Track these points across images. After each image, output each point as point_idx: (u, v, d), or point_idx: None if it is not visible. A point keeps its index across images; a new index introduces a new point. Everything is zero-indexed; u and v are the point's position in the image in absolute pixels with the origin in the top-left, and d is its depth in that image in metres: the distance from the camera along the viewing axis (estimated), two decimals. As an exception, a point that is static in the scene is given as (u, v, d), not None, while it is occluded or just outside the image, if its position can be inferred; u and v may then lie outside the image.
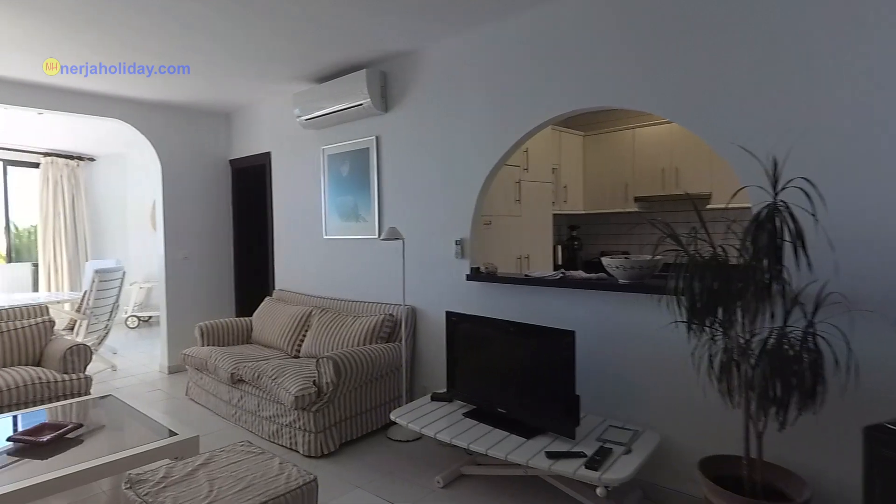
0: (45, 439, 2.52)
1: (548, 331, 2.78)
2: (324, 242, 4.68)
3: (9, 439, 2.58)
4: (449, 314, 3.29)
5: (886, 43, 2.15)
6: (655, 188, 5.33)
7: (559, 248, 5.62)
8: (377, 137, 4.08)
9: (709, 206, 5.02)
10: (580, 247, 5.80)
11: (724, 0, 2.54)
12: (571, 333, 2.65)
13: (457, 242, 3.71)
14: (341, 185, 4.28)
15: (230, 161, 5.82)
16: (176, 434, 2.64)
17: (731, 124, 2.54)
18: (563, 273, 3.26)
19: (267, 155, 5.26)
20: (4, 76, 4.15)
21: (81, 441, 2.57)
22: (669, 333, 2.73)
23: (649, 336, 2.88)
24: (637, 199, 5.42)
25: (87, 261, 7.61)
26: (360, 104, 3.86)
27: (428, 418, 2.99)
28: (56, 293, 6.83)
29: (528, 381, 2.85)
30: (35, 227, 7.62)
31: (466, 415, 3.02)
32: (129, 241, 8.30)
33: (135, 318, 7.87)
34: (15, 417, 2.99)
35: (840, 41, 2.25)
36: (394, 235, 3.50)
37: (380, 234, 4.06)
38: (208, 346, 4.35)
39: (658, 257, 2.89)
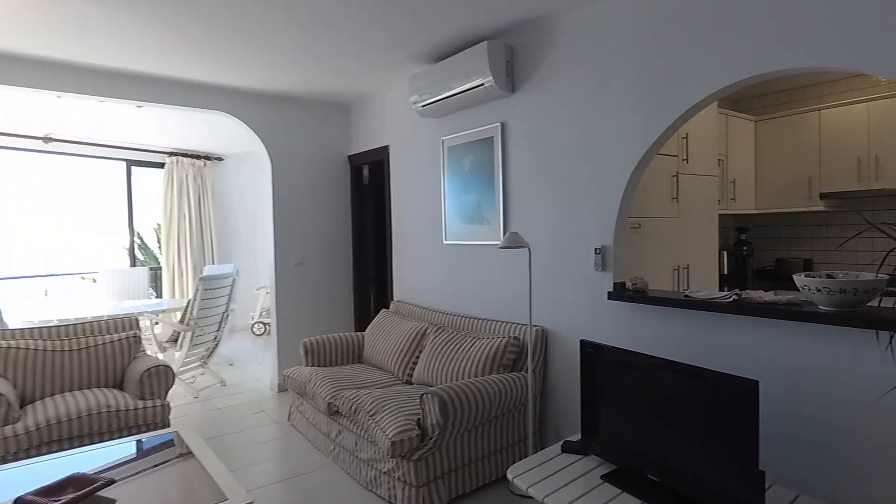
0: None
1: (720, 377, 1.94)
2: (444, 248, 4.06)
3: (16, 502, 1.99)
4: (584, 344, 2.53)
5: None
6: (848, 182, 4.13)
7: (724, 254, 4.60)
8: (502, 124, 3.42)
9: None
10: (750, 253, 4.71)
11: None
12: (754, 384, 1.82)
13: (597, 251, 2.95)
14: (463, 181, 3.68)
15: (349, 157, 5.33)
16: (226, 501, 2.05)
17: None
18: (737, 294, 2.38)
19: (385, 149, 4.73)
20: (95, 64, 3.82)
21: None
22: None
23: (867, 389, 2.00)
24: (824, 196, 4.25)
25: (207, 264, 7.38)
26: (482, 84, 3.22)
27: (556, 480, 2.25)
28: (168, 300, 6.68)
29: (692, 442, 2.03)
30: (159, 227, 7.46)
31: (606, 478, 2.25)
32: (258, 243, 8.05)
33: (261, 325, 7.59)
34: (47, 464, 2.46)
35: None
36: (515, 243, 2.75)
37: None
38: (312, 365, 3.87)
39: (883, 275, 2.02)
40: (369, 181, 5.31)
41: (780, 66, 2.24)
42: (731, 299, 2.36)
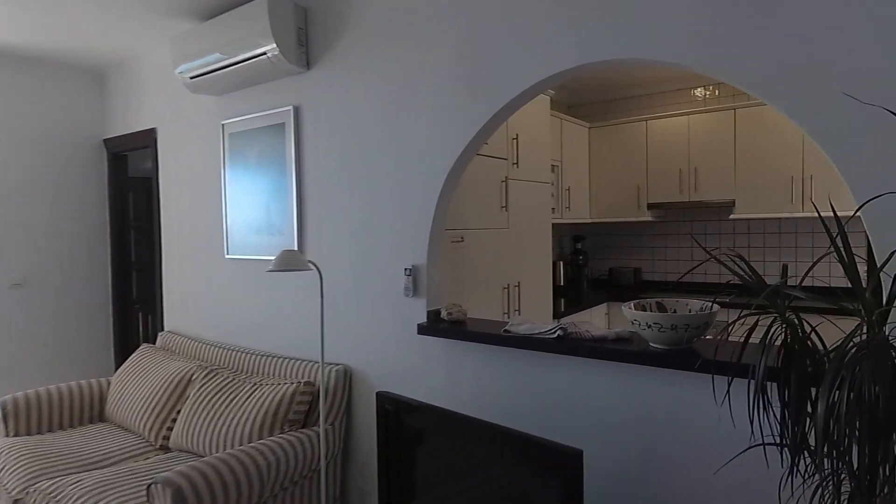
0: None
1: (538, 444, 1.48)
2: (226, 264, 3.15)
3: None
4: (381, 398, 1.91)
5: None
6: (672, 193, 4.08)
7: (560, 264, 4.33)
8: (296, 108, 2.69)
9: (732, 216, 3.83)
10: (585, 262, 4.51)
11: None
12: (577, 454, 1.36)
13: (407, 272, 2.37)
14: (250, 178, 2.87)
15: (105, 142, 3.98)
16: None
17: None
18: (563, 329, 1.92)
19: (151, 133, 3.59)
20: None
21: None
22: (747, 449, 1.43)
23: (705, 455, 1.66)
24: (651, 207, 4.17)
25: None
26: (265, 54, 2.47)
27: None
28: None
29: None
30: None
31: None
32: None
33: None
34: None
35: None
36: (290, 264, 2.00)
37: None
38: (16, 435, 2.70)
39: (714, 305, 1.77)
40: (135, 174, 4.07)
41: (612, 55, 1.84)
42: (555, 335, 1.91)
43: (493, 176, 2.88)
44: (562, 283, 4.27)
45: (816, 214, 3.71)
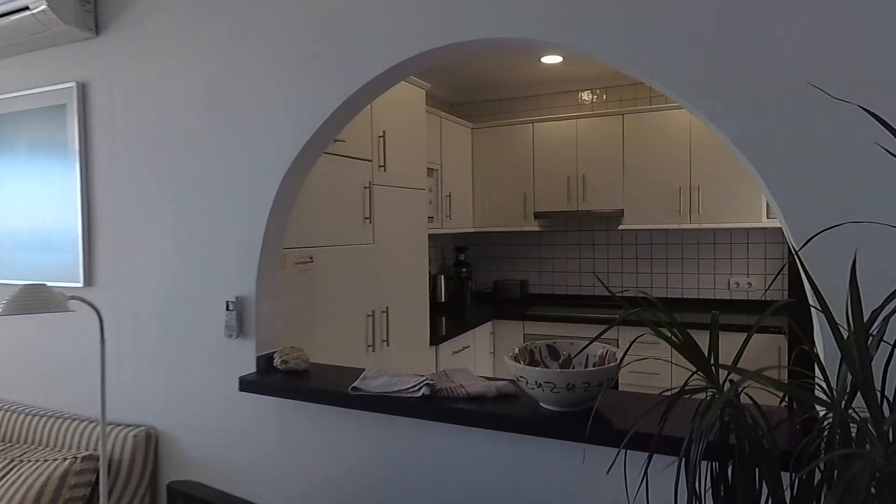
0: None
1: None
2: None
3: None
4: (172, 493, 1.37)
5: None
6: (559, 202, 3.84)
7: (441, 278, 3.93)
8: (81, 85, 2.02)
9: (620, 227, 3.67)
10: (469, 275, 4.16)
11: None
12: None
13: (229, 306, 1.83)
14: (17, 176, 2.11)
15: None
16: None
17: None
18: (430, 384, 1.46)
19: None
20: None
21: None
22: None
23: None
24: (538, 216, 3.91)
25: None
26: (27, 9, 1.78)
27: None
28: None
29: None
30: None
31: None
32: None
33: None
34: None
35: None
36: (35, 305, 1.39)
37: (86, 279, 2.02)
38: None
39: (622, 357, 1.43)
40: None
41: (481, 34, 1.44)
42: (420, 393, 1.47)
43: (353, 181, 2.40)
44: (443, 300, 3.88)
45: (703, 226, 3.54)
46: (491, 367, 3.66)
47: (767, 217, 3.38)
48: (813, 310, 1.11)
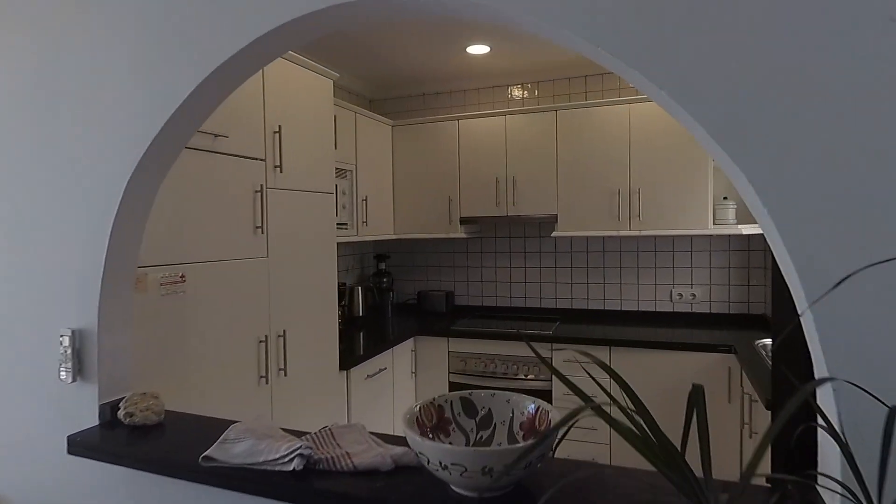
0: None
1: None
2: None
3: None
4: None
5: None
6: (487, 206, 3.58)
7: (359, 290, 3.57)
8: None
9: (554, 234, 3.44)
10: (391, 285, 3.82)
11: None
12: None
13: (63, 341, 1.43)
14: None
15: None
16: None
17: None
18: (302, 456, 1.09)
19: None
20: None
21: None
22: None
23: None
24: (464, 221, 3.65)
25: None
26: None
27: None
28: None
29: None
30: None
31: None
32: None
33: None
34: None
35: None
36: None
37: None
38: None
39: (556, 427, 1.01)
40: None
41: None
42: (291, 467, 1.12)
43: (240, 184, 2.01)
44: (361, 313, 3.53)
45: (643, 233, 3.24)
46: (413, 389, 3.35)
47: (714, 223, 3.18)
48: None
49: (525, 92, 3.79)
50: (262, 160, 2.12)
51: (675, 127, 3.13)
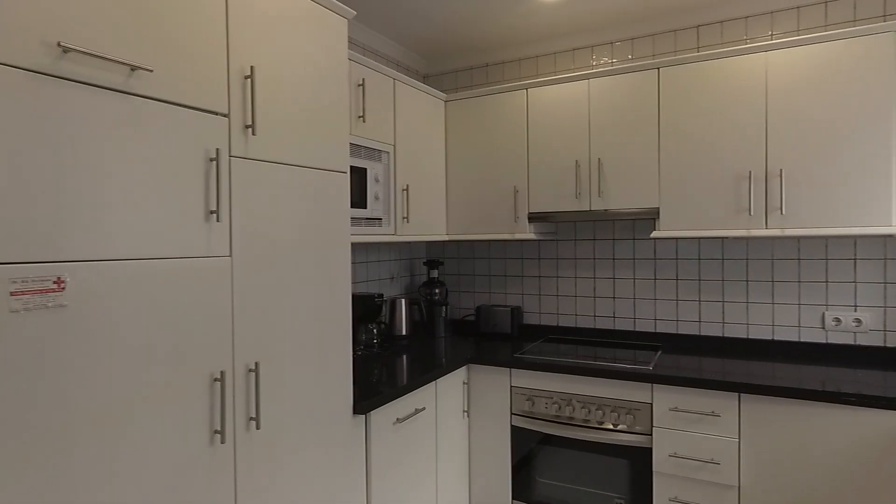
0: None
1: None
2: None
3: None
4: None
5: None
6: (565, 199, 2.69)
7: (402, 304, 2.81)
8: None
9: (654, 234, 2.45)
10: (443, 297, 3.04)
11: None
12: None
13: None
14: None
15: None
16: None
17: None
18: None
19: None
20: None
21: None
22: None
23: None
24: (534, 218, 2.80)
25: None
26: None
27: None
28: None
29: None
30: None
31: None
32: None
33: None
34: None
35: None
36: None
37: None
38: None
39: None
40: None
41: None
42: None
43: (178, 147, 1.30)
44: (404, 332, 2.75)
45: (786, 232, 2.17)
46: (465, 435, 2.51)
47: None
48: None
49: (615, 55, 2.88)
50: (222, 115, 1.40)
51: (844, 79, 2.11)
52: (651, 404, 2.20)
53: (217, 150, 1.37)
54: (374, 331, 2.49)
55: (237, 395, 1.43)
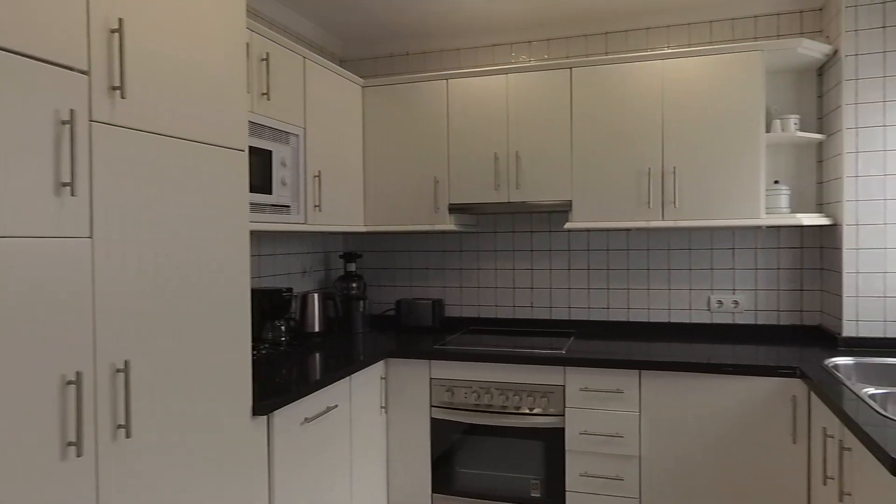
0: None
1: None
2: None
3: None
4: None
5: None
6: (485, 190, 2.60)
7: (313, 299, 2.60)
8: None
9: (567, 225, 2.42)
10: (361, 292, 2.85)
11: None
12: None
13: None
14: None
15: None
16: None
17: None
18: None
19: None
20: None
21: None
22: None
23: None
24: (454, 209, 2.68)
25: None
26: None
27: None
28: None
29: None
30: None
31: None
32: None
33: None
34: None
35: None
36: None
37: None
38: None
39: None
40: None
41: None
42: None
43: (17, 106, 1.05)
44: (317, 329, 2.54)
45: (679, 223, 2.28)
46: (383, 431, 2.34)
47: (766, 212, 2.28)
48: None
49: (532, 54, 2.83)
50: (80, 72, 1.16)
51: (723, 89, 2.26)
52: (564, 386, 2.20)
53: (72, 111, 1.12)
54: (283, 328, 2.27)
55: (100, 399, 1.20)
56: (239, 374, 1.60)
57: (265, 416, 1.68)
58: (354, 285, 2.78)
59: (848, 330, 2.21)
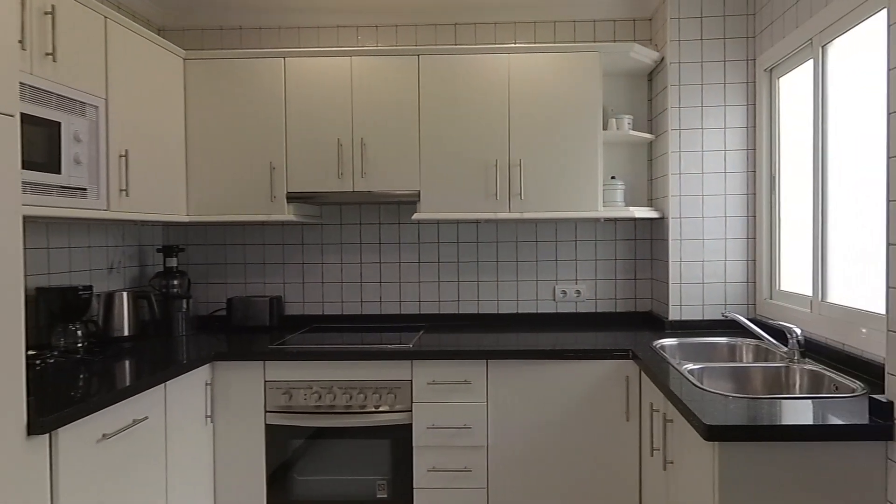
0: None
1: None
2: None
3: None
4: None
5: None
6: (327, 178, 2.51)
7: (122, 298, 2.30)
8: None
9: (416, 216, 2.47)
10: (184, 290, 2.59)
11: None
12: None
13: None
14: None
15: None
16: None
17: None
18: None
19: None
20: None
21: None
22: None
23: None
24: (293, 198, 2.55)
25: None
26: None
27: None
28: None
29: None
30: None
31: None
32: None
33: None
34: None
35: None
36: None
37: None
38: None
39: None
40: None
41: None
42: None
43: None
44: (127, 333, 2.27)
45: (525, 216, 2.40)
46: (209, 443, 2.16)
47: (603, 206, 2.49)
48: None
49: (379, 39, 2.82)
50: None
51: (564, 86, 2.45)
52: (411, 381, 2.21)
53: None
54: (79, 332, 1.99)
55: None
56: (8, 388, 1.35)
57: (46, 435, 1.44)
58: (176, 283, 2.54)
59: (673, 314, 2.49)
